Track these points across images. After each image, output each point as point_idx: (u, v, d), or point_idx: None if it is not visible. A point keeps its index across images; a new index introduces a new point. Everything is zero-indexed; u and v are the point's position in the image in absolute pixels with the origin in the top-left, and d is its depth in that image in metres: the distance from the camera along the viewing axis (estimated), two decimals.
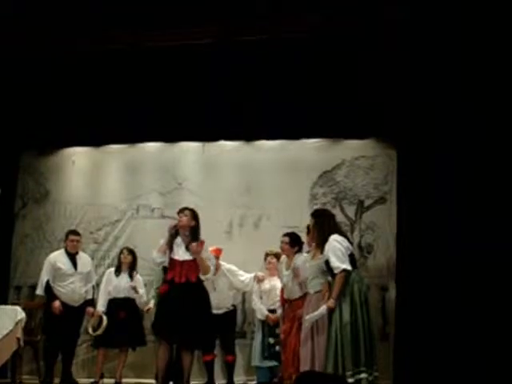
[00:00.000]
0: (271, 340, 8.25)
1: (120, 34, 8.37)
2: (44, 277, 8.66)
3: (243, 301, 8.94)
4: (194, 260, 7.21)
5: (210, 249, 8.17)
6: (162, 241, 7.30)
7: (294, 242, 7.78)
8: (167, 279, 7.27)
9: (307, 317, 6.80)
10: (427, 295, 7.08)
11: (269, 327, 8.32)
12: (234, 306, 8.70)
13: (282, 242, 7.80)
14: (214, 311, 8.27)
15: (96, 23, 8.19)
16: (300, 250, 7.75)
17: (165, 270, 8.61)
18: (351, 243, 7.00)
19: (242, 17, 8.01)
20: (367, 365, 6.45)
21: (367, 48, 8.10)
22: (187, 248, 7.24)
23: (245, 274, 8.65)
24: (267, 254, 8.50)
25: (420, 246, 7.46)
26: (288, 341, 7.43)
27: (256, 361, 8.36)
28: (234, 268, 8.65)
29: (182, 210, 7.43)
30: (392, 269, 8.43)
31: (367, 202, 8.94)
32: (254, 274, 8.61)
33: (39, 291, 8.71)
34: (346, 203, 8.99)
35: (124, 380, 8.68)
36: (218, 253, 8.37)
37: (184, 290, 7.10)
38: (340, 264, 6.62)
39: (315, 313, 6.72)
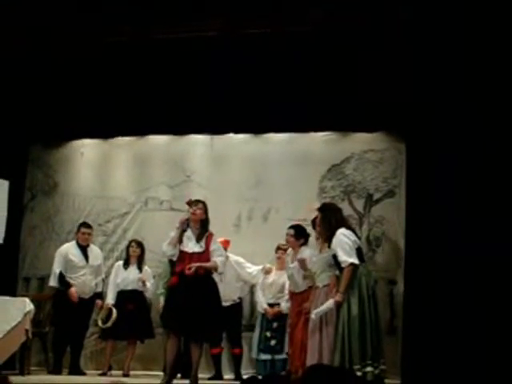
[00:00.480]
0: (268, 334, 8.25)
1: (128, 26, 8.36)
2: (56, 269, 8.72)
3: (251, 293, 8.93)
4: (203, 253, 7.19)
5: (218, 240, 8.18)
6: (173, 233, 7.28)
7: (299, 234, 7.78)
8: (177, 271, 7.26)
9: (315, 311, 6.80)
10: (435, 289, 7.06)
11: (267, 321, 8.32)
12: (240, 298, 8.68)
13: (287, 234, 7.80)
14: (223, 303, 8.30)
15: (103, 15, 8.18)
16: (306, 243, 7.75)
17: (171, 262, 8.65)
18: (359, 237, 6.99)
19: (249, 9, 7.98)
20: (373, 358, 6.45)
21: (376, 40, 8.07)
22: (197, 240, 7.22)
23: (252, 266, 8.65)
24: (278, 248, 8.49)
25: (428, 240, 7.44)
26: (294, 334, 7.43)
27: (253, 353, 8.38)
28: (241, 260, 8.64)
29: (195, 203, 7.37)
30: (400, 262, 8.42)
31: (376, 196, 8.92)
32: (262, 266, 8.59)
33: (53, 283, 8.76)
34: (354, 196, 8.98)
35: (132, 372, 8.70)
36: (226, 244, 8.37)
37: (193, 282, 7.08)
38: (347, 258, 6.62)
39: (322, 307, 6.74)
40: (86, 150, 9.85)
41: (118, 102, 9.09)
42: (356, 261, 6.63)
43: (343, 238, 6.72)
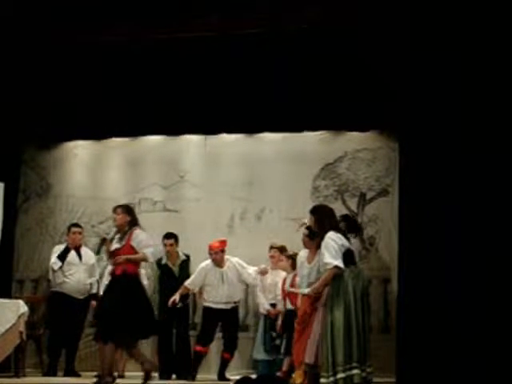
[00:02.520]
0: (273, 334, 8.25)
1: (121, 27, 8.35)
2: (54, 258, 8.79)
3: (246, 294, 8.94)
4: (122, 247, 7.27)
5: (216, 242, 8.21)
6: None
7: (313, 234, 7.75)
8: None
9: None
10: (429, 287, 7.07)
11: (270, 321, 8.32)
12: (238, 301, 8.67)
13: (303, 234, 7.82)
14: (223, 306, 8.30)
15: (96, 16, 8.17)
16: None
17: (159, 265, 8.68)
18: (348, 239, 6.98)
19: (243, 9, 7.98)
20: (360, 361, 6.47)
21: (370, 40, 8.07)
22: (121, 239, 7.32)
23: (250, 268, 8.62)
24: (271, 247, 8.49)
25: (422, 238, 7.43)
26: (306, 332, 7.39)
27: (258, 354, 8.37)
28: (241, 261, 8.62)
29: (114, 209, 7.53)
30: (394, 261, 8.42)
31: (369, 195, 8.94)
32: (257, 267, 8.57)
33: (51, 277, 8.80)
34: (348, 196, 8.99)
35: (127, 373, 8.70)
36: (222, 244, 8.41)
37: (121, 282, 7.21)
38: (332, 260, 6.64)
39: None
40: (79, 152, 9.83)
41: (111, 103, 9.07)
42: (341, 264, 6.64)
43: (330, 241, 6.72)
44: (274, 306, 8.36)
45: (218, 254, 8.39)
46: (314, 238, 7.58)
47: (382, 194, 8.85)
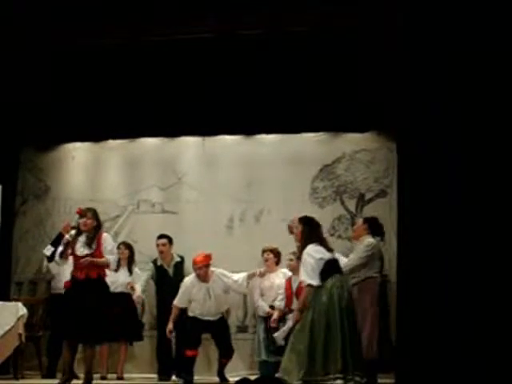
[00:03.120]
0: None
1: (118, 28, 8.35)
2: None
3: (244, 295, 8.93)
4: (94, 252, 7.25)
5: (200, 257, 8.17)
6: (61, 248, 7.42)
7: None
8: (71, 276, 7.34)
9: (276, 334, 7.69)
10: (428, 288, 7.08)
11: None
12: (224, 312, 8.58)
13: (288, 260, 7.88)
14: (210, 318, 8.23)
15: (93, 18, 8.17)
16: None
17: (155, 265, 8.68)
18: (330, 250, 6.97)
19: (243, 11, 7.98)
20: (343, 370, 6.47)
21: (368, 41, 8.08)
22: (89, 244, 7.28)
23: (236, 275, 8.48)
24: (264, 251, 8.48)
25: (421, 239, 7.45)
26: None
27: (262, 356, 8.32)
28: (224, 271, 8.48)
29: (84, 212, 7.48)
30: (393, 261, 8.42)
31: (368, 196, 8.95)
32: (246, 273, 8.48)
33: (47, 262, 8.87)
34: (346, 197, 9.01)
35: (126, 375, 8.70)
36: (207, 259, 8.24)
37: (84, 285, 7.19)
38: (306, 278, 6.71)
39: (285, 328, 7.39)
40: (77, 154, 9.82)
41: (108, 105, 9.08)
42: (315, 282, 6.67)
43: (307, 257, 6.76)
44: (272, 307, 8.34)
45: (201, 269, 8.16)
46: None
47: (381, 195, 8.86)
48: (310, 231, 6.97)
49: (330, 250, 6.95)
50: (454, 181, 7.02)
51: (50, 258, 8.58)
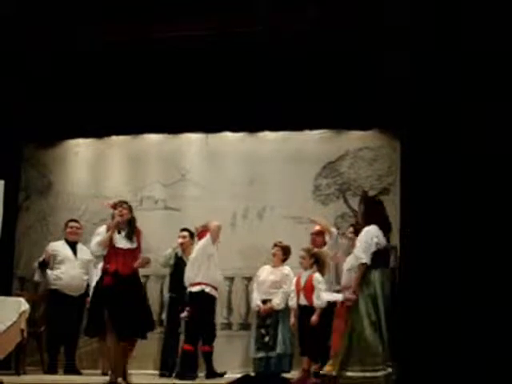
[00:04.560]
0: (262, 331, 8.25)
1: (121, 26, 8.35)
2: (37, 263, 8.79)
3: (247, 292, 8.94)
4: (136, 249, 7.25)
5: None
6: (100, 237, 7.31)
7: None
8: (111, 271, 7.19)
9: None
10: (430, 286, 7.09)
11: (261, 318, 8.31)
12: None
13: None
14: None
15: (96, 16, 8.17)
16: None
17: (176, 257, 8.65)
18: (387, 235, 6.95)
19: (244, 7, 7.98)
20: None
21: (371, 39, 8.07)
22: (129, 237, 7.26)
23: None
24: (275, 245, 8.49)
25: (423, 237, 7.46)
26: (338, 324, 7.41)
27: (251, 352, 8.36)
28: None
29: (119, 204, 7.46)
30: (395, 259, 8.41)
31: (371, 193, 8.90)
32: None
33: (36, 277, 8.85)
34: (349, 194, 9.00)
35: (128, 371, 8.69)
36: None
37: (127, 280, 7.14)
38: (361, 256, 6.67)
39: (331, 296, 7.20)
40: (80, 150, 9.84)
41: (112, 101, 9.07)
42: (368, 262, 6.63)
43: (366, 235, 6.74)
44: (265, 302, 8.35)
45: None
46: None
47: (384, 193, 8.83)
48: (372, 211, 6.97)
49: (387, 235, 6.92)
50: (456, 179, 7.02)
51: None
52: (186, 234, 8.74)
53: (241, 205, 9.25)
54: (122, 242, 7.23)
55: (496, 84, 6.89)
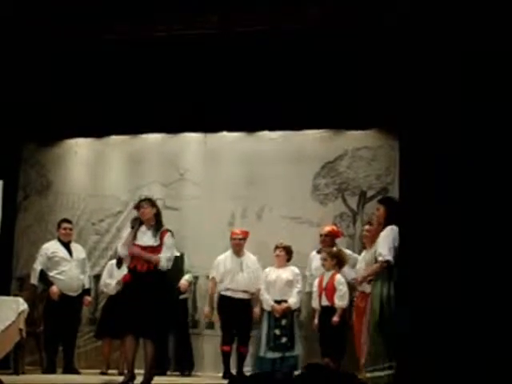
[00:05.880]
0: (277, 331, 8.24)
1: (120, 25, 8.34)
2: (38, 266, 8.78)
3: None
4: (158, 246, 7.10)
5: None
6: (125, 234, 7.30)
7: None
8: (130, 267, 7.15)
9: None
10: (429, 286, 7.08)
11: (274, 318, 8.31)
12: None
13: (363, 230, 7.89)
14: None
15: (96, 14, 8.16)
16: None
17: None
18: None
19: (244, 7, 7.97)
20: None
21: (370, 39, 8.07)
22: (153, 234, 7.14)
23: None
24: (276, 247, 8.51)
25: (422, 237, 7.45)
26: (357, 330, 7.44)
27: (261, 352, 8.34)
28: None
29: (140, 203, 7.31)
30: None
31: (369, 193, 8.94)
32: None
33: (33, 280, 8.81)
34: (348, 194, 9.01)
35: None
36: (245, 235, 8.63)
37: (145, 277, 7.03)
38: (386, 253, 6.85)
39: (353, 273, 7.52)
40: (79, 149, 9.84)
41: (111, 101, 9.07)
42: (392, 260, 6.81)
43: (391, 233, 6.94)
44: (279, 302, 8.35)
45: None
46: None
47: (383, 193, 8.84)
48: (391, 213, 7.08)
49: None
50: (456, 178, 7.01)
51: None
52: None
53: (239, 204, 9.26)
54: (142, 239, 7.13)
55: (496, 84, 6.88)
